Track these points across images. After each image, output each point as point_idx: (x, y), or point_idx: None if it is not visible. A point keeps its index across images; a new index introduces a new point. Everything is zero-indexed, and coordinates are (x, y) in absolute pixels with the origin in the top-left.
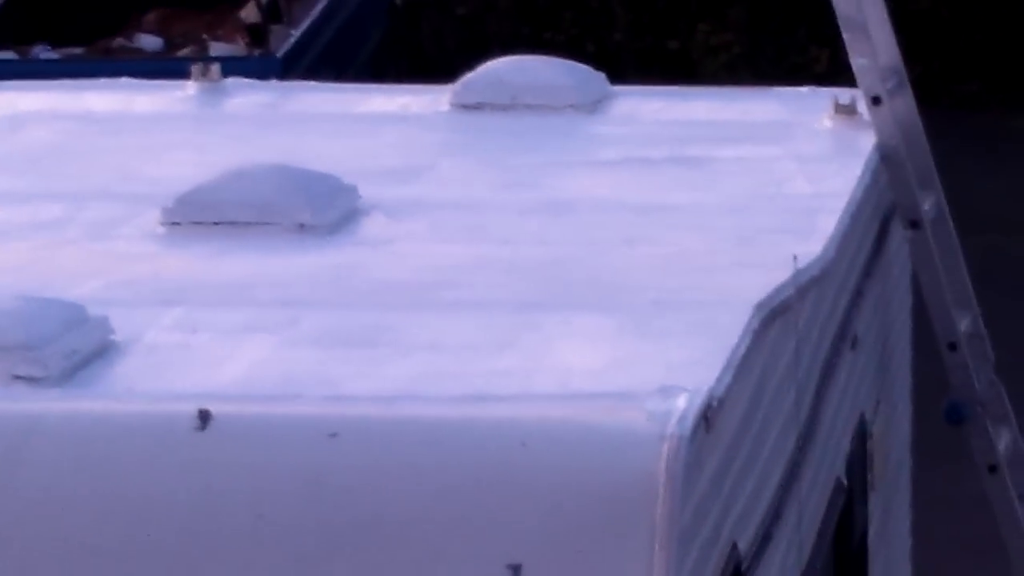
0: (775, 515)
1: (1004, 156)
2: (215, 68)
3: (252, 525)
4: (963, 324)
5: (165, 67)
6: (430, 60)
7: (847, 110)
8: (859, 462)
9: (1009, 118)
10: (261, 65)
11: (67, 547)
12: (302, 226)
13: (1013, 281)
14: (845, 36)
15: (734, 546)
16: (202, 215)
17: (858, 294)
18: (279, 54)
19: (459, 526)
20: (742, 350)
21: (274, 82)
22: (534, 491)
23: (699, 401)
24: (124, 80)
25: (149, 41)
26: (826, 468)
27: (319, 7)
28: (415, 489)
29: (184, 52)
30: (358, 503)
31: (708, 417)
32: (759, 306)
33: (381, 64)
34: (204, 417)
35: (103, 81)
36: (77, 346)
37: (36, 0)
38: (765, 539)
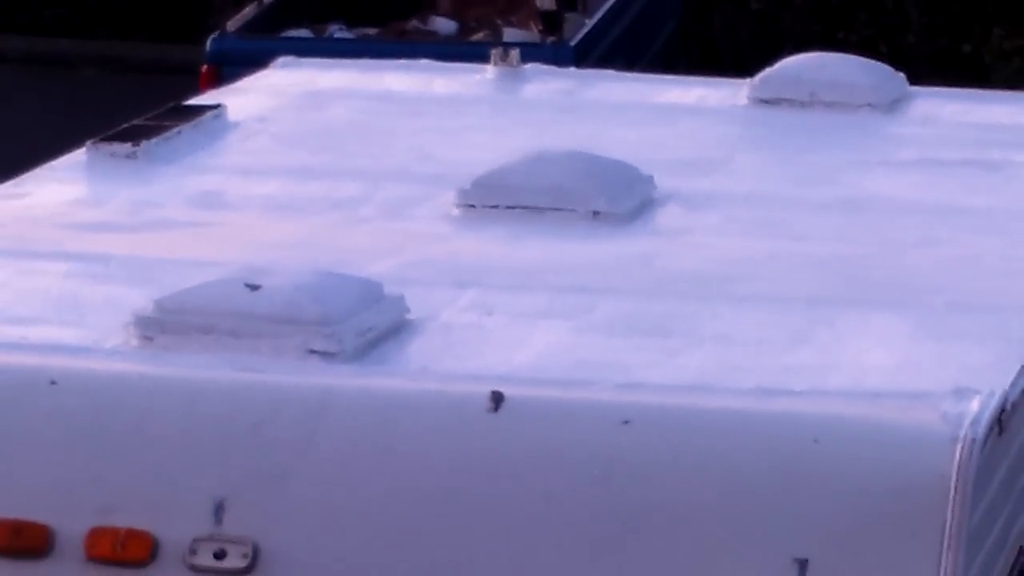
0: None
1: None
2: (515, 53)
3: (541, 506)
4: None
5: (460, 50)
6: (722, 54)
7: None
8: None
9: None
10: (554, 53)
11: (354, 520)
12: (597, 213)
13: None
14: None
15: (1021, 550)
16: (498, 199)
17: None
18: (572, 42)
19: (747, 517)
20: None
21: (572, 69)
22: (824, 487)
23: (993, 404)
24: (424, 62)
25: (443, 24)
26: None
27: None
28: (705, 479)
29: (478, 37)
30: (647, 490)
31: (1001, 420)
32: None
33: (672, 56)
34: (497, 399)
35: (403, 62)
36: (372, 323)
37: None
38: None
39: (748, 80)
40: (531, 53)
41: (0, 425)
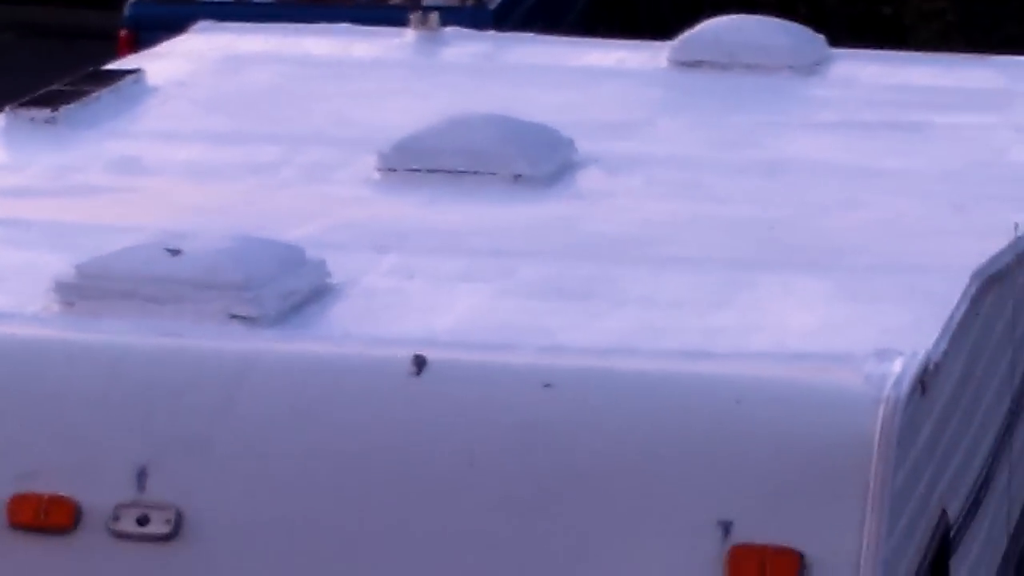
0: (985, 481)
1: None
2: (434, 17)
3: (464, 469)
4: None
5: (379, 15)
6: (641, 18)
7: None
8: None
9: None
10: (473, 16)
11: (277, 484)
12: (518, 177)
13: None
14: None
15: (943, 512)
16: (418, 162)
17: None
18: (491, 6)
19: (671, 480)
20: (959, 316)
21: (492, 33)
22: (747, 448)
23: (915, 365)
24: (343, 26)
25: None
26: None
27: None
28: (628, 442)
29: (397, 1)
30: (570, 454)
31: (924, 381)
32: (977, 272)
33: (593, 19)
34: (420, 363)
35: (322, 26)
36: (294, 288)
37: None
38: (974, 505)
39: (668, 43)
40: (450, 17)
41: None
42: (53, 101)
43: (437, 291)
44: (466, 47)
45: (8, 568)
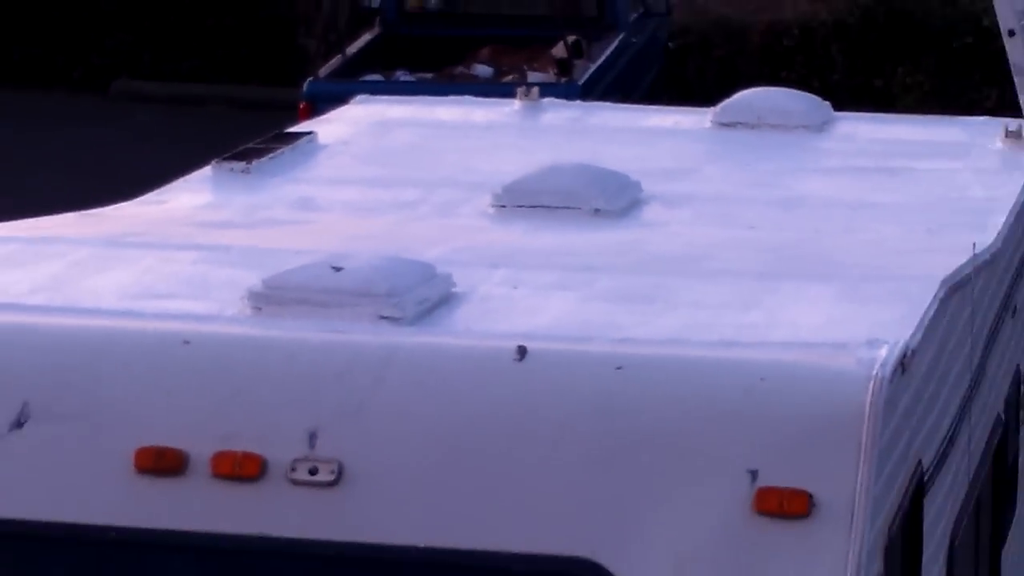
0: (951, 440)
1: None
2: (535, 91)
3: (556, 434)
4: None
5: (495, 89)
6: (693, 90)
7: (1014, 135)
8: (1014, 403)
9: None
10: (566, 90)
11: (415, 443)
12: (598, 211)
13: None
14: (1016, 80)
15: (919, 462)
16: (523, 200)
17: (1019, 274)
18: (580, 82)
19: (714, 440)
20: (931, 314)
21: (579, 102)
22: (770, 415)
23: (897, 351)
24: (467, 98)
25: (482, 70)
26: (989, 406)
27: (612, 47)
28: (682, 411)
29: (508, 78)
30: (638, 421)
31: (904, 363)
32: (944, 281)
33: (656, 91)
34: (522, 351)
35: (451, 98)
36: (427, 295)
37: (398, 38)
38: (943, 458)
39: (711, 108)
40: (549, 90)
41: (146, 375)
42: (248, 156)
43: (536, 298)
44: (560, 113)
45: (212, 508)
